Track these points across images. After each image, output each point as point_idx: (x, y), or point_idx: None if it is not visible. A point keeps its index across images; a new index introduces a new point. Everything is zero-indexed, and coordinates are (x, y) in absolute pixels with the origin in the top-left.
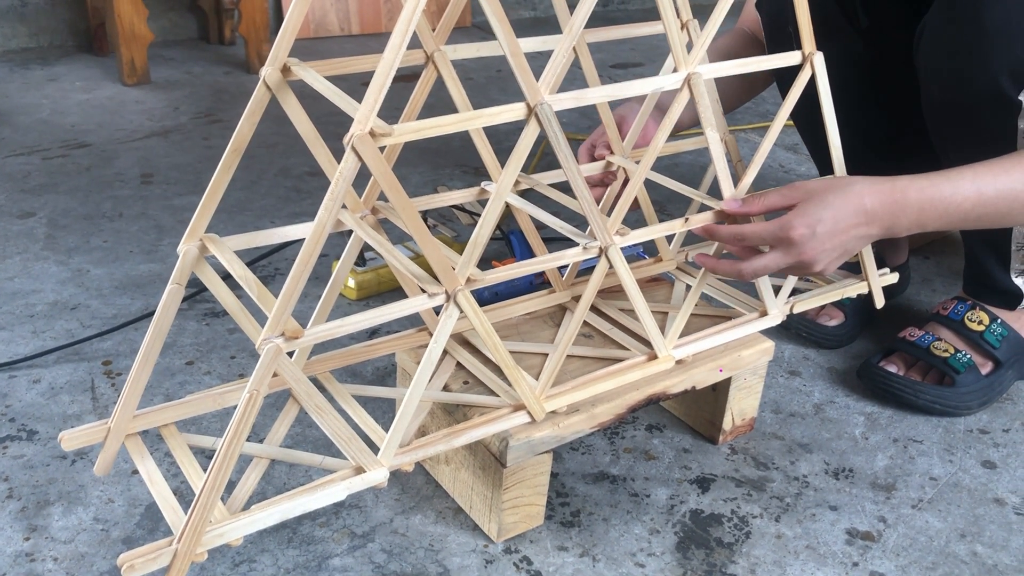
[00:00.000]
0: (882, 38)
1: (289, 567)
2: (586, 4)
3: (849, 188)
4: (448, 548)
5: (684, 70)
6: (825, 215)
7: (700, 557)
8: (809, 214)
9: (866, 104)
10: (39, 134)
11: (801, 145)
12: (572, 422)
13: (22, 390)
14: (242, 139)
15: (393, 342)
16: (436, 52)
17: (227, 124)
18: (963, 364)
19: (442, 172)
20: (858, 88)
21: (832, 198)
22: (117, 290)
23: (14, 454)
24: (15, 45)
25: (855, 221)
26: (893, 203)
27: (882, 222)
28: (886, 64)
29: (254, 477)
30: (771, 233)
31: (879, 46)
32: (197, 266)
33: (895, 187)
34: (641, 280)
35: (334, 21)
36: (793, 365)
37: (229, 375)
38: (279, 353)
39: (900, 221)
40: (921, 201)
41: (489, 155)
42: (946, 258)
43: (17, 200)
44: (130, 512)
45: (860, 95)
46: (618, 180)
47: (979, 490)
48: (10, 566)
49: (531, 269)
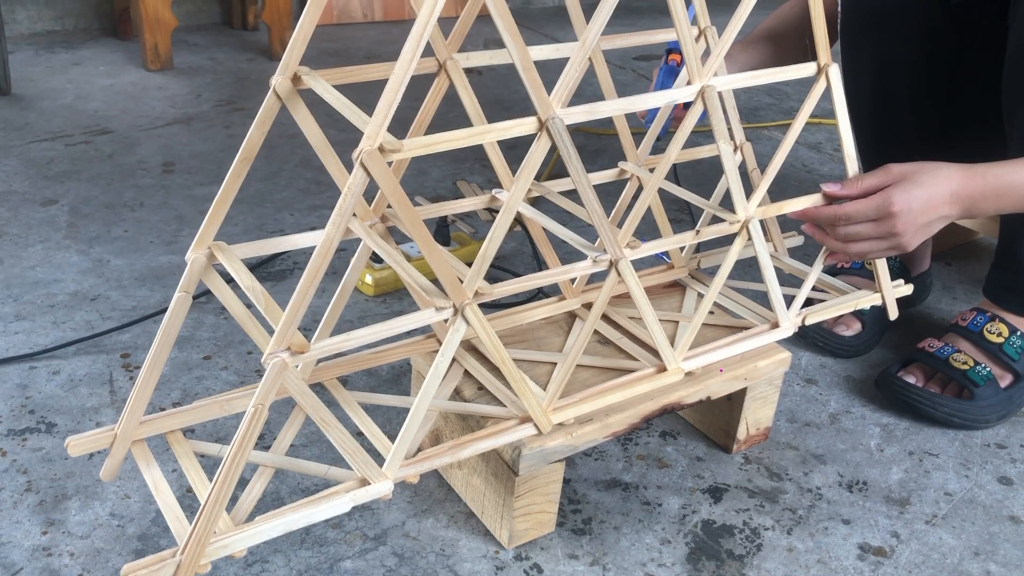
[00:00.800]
0: (971, 18)
1: (301, 568)
2: (601, 15)
3: (939, 170)
4: (459, 553)
5: (698, 82)
6: (921, 193)
7: (711, 569)
8: (907, 190)
9: (932, 86)
10: (63, 120)
11: (824, 144)
12: (585, 431)
13: (42, 381)
14: (252, 148)
15: (402, 348)
16: (448, 60)
17: (249, 112)
18: (982, 377)
19: (462, 166)
20: (930, 67)
21: (925, 178)
22: (136, 281)
23: (33, 446)
24: (41, 28)
25: (944, 200)
26: (976, 187)
27: (963, 204)
28: (967, 44)
29: (259, 487)
30: (874, 206)
31: (965, 26)
32: (205, 274)
33: (977, 172)
34: (656, 287)
35: (357, 8)
36: (810, 373)
37: (246, 371)
38: (284, 368)
39: (979, 205)
40: (1000, 187)
41: (501, 164)
42: (968, 264)
43: (40, 187)
44: (145, 509)
45: (931, 75)
46: (630, 190)
47: (995, 507)
48: (27, 560)
49: (539, 283)
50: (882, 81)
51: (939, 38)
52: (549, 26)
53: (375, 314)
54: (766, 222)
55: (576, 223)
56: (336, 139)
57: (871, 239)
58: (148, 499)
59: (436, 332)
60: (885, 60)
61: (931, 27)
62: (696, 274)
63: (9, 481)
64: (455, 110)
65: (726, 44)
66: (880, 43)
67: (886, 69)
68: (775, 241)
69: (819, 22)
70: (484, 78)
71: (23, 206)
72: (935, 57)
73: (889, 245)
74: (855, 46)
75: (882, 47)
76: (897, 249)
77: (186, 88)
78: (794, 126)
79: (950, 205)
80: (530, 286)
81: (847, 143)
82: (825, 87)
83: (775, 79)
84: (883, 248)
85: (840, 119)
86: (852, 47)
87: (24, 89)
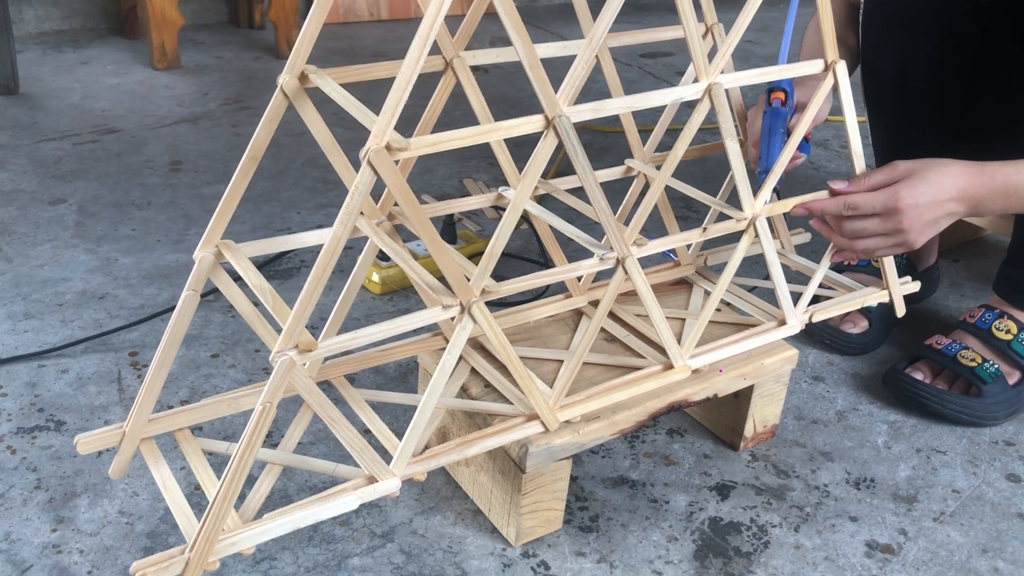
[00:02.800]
0: (995, 14)
1: (309, 566)
2: (608, 13)
3: (946, 167)
4: (466, 551)
5: (705, 80)
6: (928, 189)
7: (718, 566)
8: (914, 186)
9: (953, 83)
10: (71, 119)
11: (831, 140)
12: (592, 429)
13: (51, 380)
14: (259, 147)
15: (409, 346)
16: (455, 58)
17: (255, 111)
18: (990, 374)
19: (468, 164)
20: (952, 65)
21: (932, 175)
22: (144, 280)
23: (43, 444)
24: (48, 27)
25: (950, 196)
26: (982, 185)
27: (969, 202)
28: (989, 43)
29: (267, 484)
30: (881, 201)
31: (989, 23)
32: (213, 272)
33: (984, 170)
34: (662, 284)
35: (363, 6)
36: (817, 370)
37: (254, 368)
38: (292, 366)
39: (985, 203)
40: (1007, 186)
41: (507, 161)
42: (976, 261)
43: (49, 186)
44: (154, 506)
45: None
46: (637, 187)
47: (1003, 504)
48: (37, 557)
49: (546, 281)
50: (902, 78)
51: (961, 36)
52: (556, 23)
53: (382, 312)
54: (773, 219)
55: (583, 221)
56: (343, 137)
57: (878, 235)
58: (157, 497)
59: (443, 330)
60: (906, 57)
61: (953, 24)
62: (703, 271)
63: (19, 479)
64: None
65: (733, 41)
66: (902, 40)
67: (907, 66)
68: (782, 238)
69: (827, 19)
70: (491, 76)
71: (31, 205)
72: (957, 54)
73: (896, 242)
74: (876, 44)
75: (904, 44)
76: (904, 247)
77: (193, 87)
78: (801, 123)
79: (956, 202)
80: (537, 284)
81: (854, 140)
82: (832, 84)
83: (782, 76)
84: (889, 244)
85: (847, 116)
86: (873, 45)
87: (32, 88)
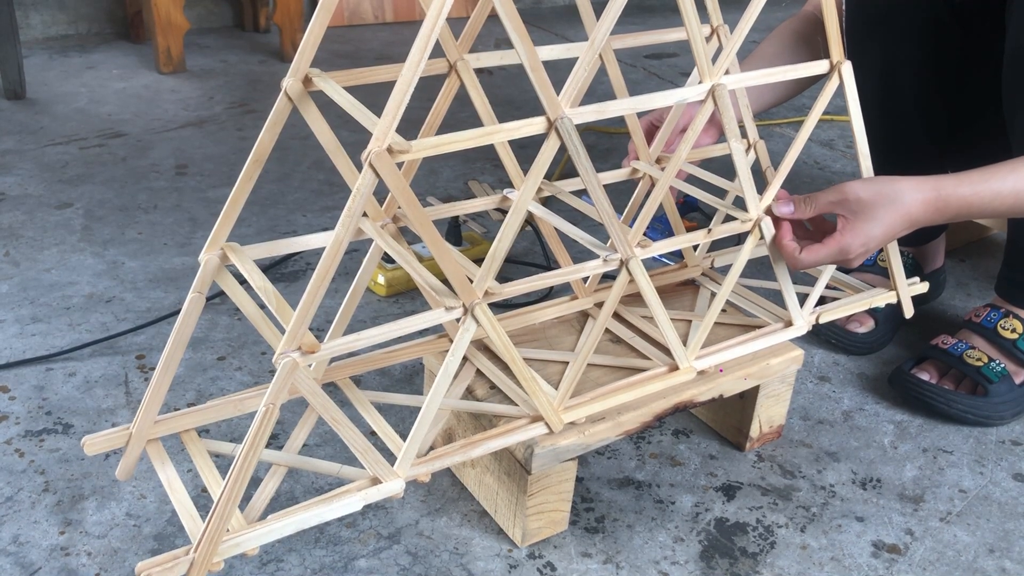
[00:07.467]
0: (973, 15)
1: (316, 567)
2: (610, 14)
3: (898, 200)
4: (473, 552)
5: (708, 81)
6: (877, 230)
7: (724, 567)
8: (862, 232)
9: (938, 83)
10: (77, 123)
11: (836, 141)
12: (598, 430)
13: (58, 383)
14: (263, 150)
15: (415, 348)
16: (459, 61)
17: (261, 115)
18: (997, 374)
19: (473, 166)
20: (936, 65)
21: (882, 213)
22: (151, 283)
23: (50, 447)
24: (55, 32)
25: (901, 228)
26: (936, 211)
27: (923, 223)
28: (972, 42)
29: (272, 485)
30: (831, 257)
31: (969, 23)
32: (218, 275)
33: (939, 196)
34: (669, 285)
35: (368, 9)
36: (823, 370)
37: (260, 371)
38: (295, 368)
39: (938, 221)
40: (961, 207)
41: (512, 163)
42: (983, 260)
43: (55, 191)
44: (161, 508)
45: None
46: (642, 188)
47: (1009, 504)
48: (45, 560)
49: (550, 282)
50: (888, 80)
51: (943, 36)
52: (560, 25)
53: (388, 314)
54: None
55: (587, 222)
56: (348, 140)
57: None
58: (164, 499)
59: (448, 332)
60: (890, 59)
61: (935, 24)
62: (709, 272)
63: (27, 482)
64: (466, 110)
65: (737, 42)
66: (885, 42)
67: (892, 68)
68: None
69: (832, 20)
70: (495, 78)
71: (38, 209)
72: (940, 55)
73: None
74: (860, 47)
75: (887, 46)
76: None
77: (198, 91)
78: (807, 124)
79: (908, 229)
80: (541, 285)
81: (860, 140)
82: (838, 84)
83: (787, 77)
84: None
85: (853, 116)
86: (857, 48)
87: (38, 93)
